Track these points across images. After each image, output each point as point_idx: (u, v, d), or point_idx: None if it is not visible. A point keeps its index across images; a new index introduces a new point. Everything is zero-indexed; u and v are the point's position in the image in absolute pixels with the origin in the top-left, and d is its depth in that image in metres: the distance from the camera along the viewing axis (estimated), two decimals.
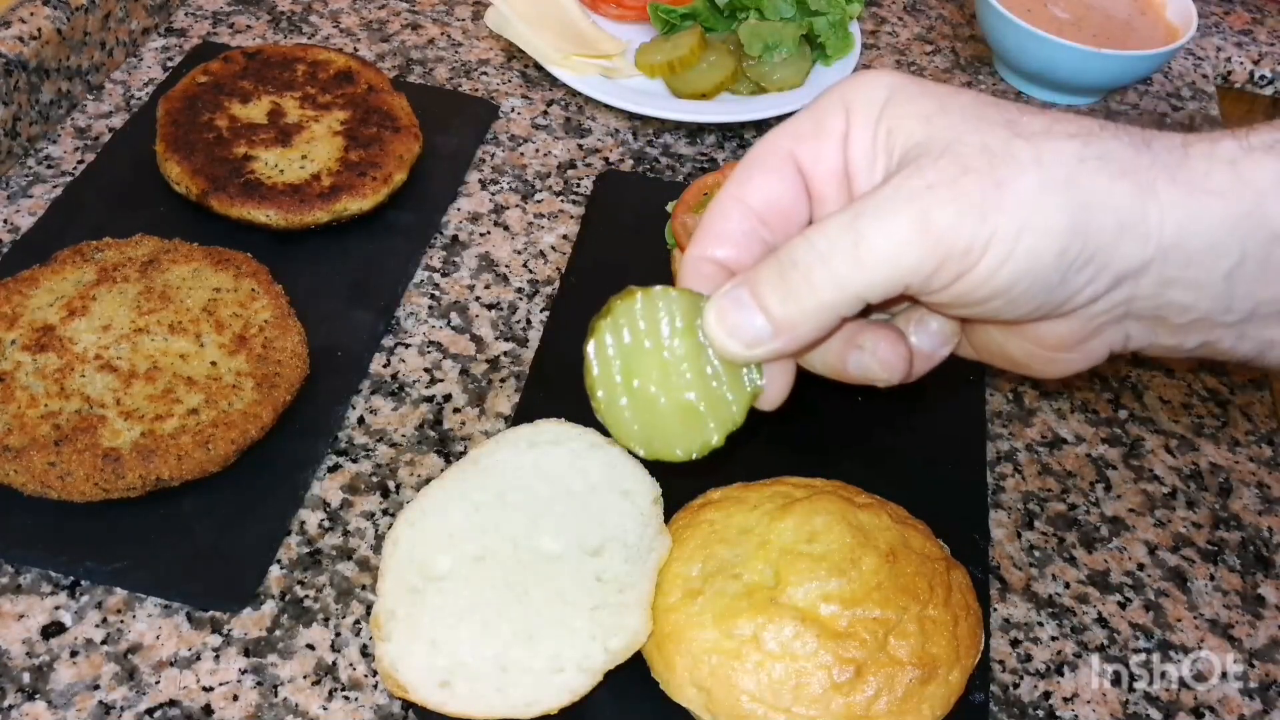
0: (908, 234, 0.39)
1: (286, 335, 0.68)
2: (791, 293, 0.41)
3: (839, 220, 0.41)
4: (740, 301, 0.42)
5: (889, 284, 0.40)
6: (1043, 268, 0.39)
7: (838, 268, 0.40)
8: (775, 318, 0.42)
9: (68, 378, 0.63)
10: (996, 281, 0.40)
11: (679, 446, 0.47)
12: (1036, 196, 0.39)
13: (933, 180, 0.39)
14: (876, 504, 0.60)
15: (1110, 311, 0.43)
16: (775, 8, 0.97)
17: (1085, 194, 0.39)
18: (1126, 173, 0.40)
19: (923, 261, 0.39)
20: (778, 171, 0.45)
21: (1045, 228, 0.39)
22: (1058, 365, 0.46)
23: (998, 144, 0.40)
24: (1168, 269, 0.41)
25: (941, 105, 0.42)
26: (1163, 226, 0.40)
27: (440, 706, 0.53)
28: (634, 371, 0.46)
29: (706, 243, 0.45)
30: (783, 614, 0.54)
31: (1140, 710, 0.61)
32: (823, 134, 0.44)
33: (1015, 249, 0.39)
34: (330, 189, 0.78)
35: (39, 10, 0.86)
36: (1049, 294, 0.41)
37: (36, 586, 0.60)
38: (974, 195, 0.39)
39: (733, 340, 0.43)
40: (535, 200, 0.87)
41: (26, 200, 0.81)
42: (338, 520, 0.65)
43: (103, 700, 0.55)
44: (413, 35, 1.02)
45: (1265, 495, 0.73)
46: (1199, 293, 0.41)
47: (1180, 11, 1.04)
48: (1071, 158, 0.40)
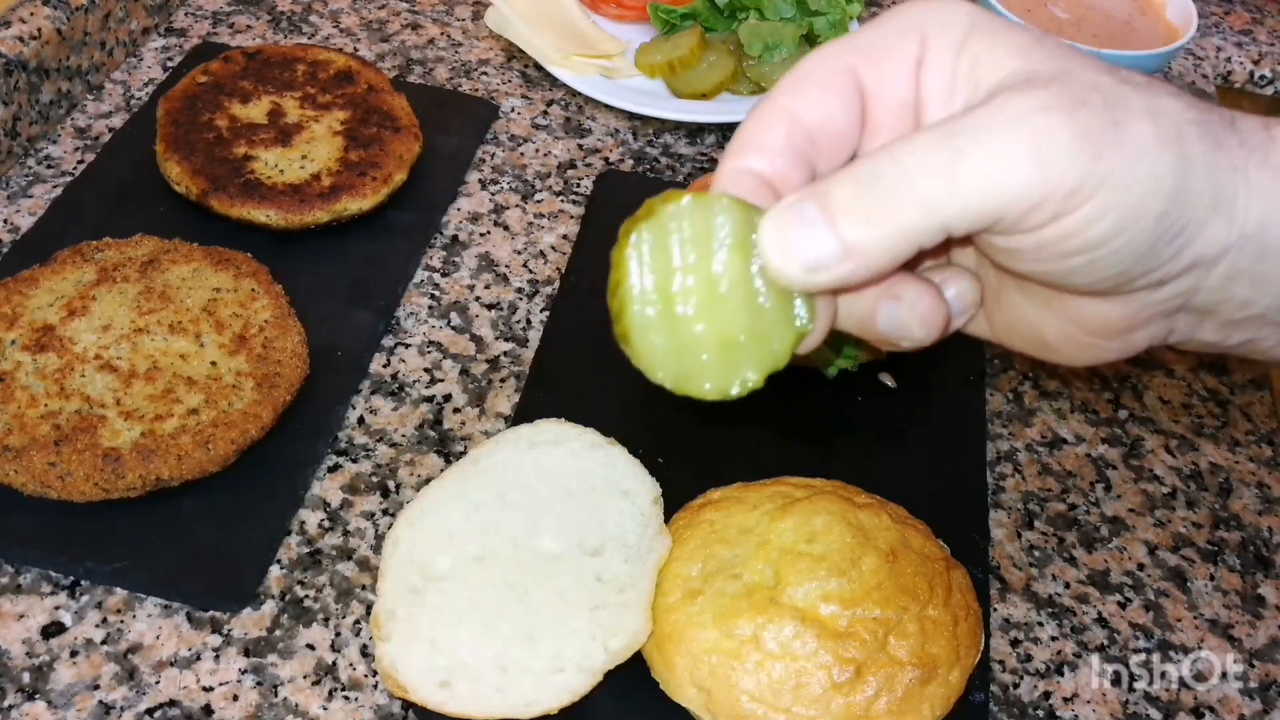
0: (1016, 157, 0.34)
1: (286, 335, 0.68)
2: (870, 211, 0.36)
3: (931, 136, 0.36)
4: (807, 216, 0.37)
5: (983, 214, 0.35)
6: (1141, 229, 0.36)
7: (929, 188, 0.35)
8: (846, 239, 0.36)
9: (68, 378, 0.63)
10: (1093, 233, 0.36)
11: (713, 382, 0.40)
12: (1153, 147, 0.35)
13: (1047, 104, 0.35)
14: (876, 504, 0.60)
15: (1171, 300, 0.40)
16: (775, 8, 0.97)
17: (1192, 156, 0.36)
18: (1222, 147, 0.37)
19: (1027, 192, 0.35)
20: (837, 88, 0.39)
21: (1156, 184, 0.35)
22: (1092, 352, 0.43)
23: (1108, 85, 0.36)
24: (1241, 260, 0.38)
25: (1037, 39, 0.38)
26: (1248, 211, 0.37)
27: (440, 706, 0.53)
28: (671, 291, 0.39)
29: (748, 153, 0.39)
30: (783, 614, 0.54)
31: (1140, 710, 0.61)
32: (893, 56, 0.39)
33: (1122, 199, 0.35)
34: (330, 189, 0.78)
35: (39, 10, 0.86)
36: (1135, 261, 0.37)
37: (36, 586, 0.60)
38: (1093, 128, 0.35)
39: (793, 261, 0.37)
40: (535, 200, 0.87)
41: (26, 200, 0.81)
42: (338, 520, 0.65)
43: (103, 700, 0.55)
44: (413, 35, 1.02)
45: (1265, 495, 0.73)
46: (1263, 289, 0.39)
47: (1180, 11, 1.04)
48: (1180, 117, 0.36)
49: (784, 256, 0.37)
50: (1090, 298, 0.40)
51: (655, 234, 0.39)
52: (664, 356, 0.39)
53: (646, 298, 0.39)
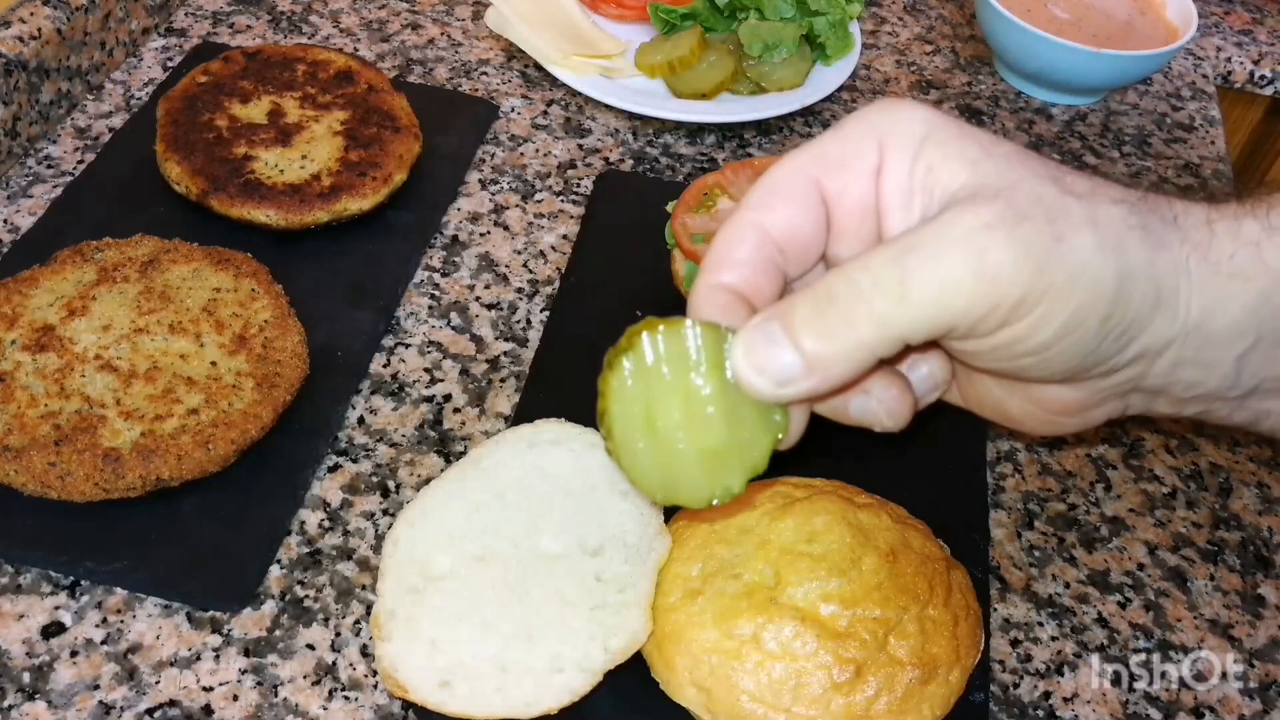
0: (961, 274, 0.37)
1: (286, 335, 0.68)
2: (828, 330, 0.38)
3: (883, 256, 0.38)
4: (772, 336, 0.39)
5: (934, 326, 0.38)
6: (1086, 331, 0.38)
7: (881, 306, 0.37)
8: (809, 355, 0.39)
9: (68, 378, 0.63)
10: (1039, 338, 0.38)
11: (699, 492, 0.43)
12: (1093, 257, 0.37)
13: (990, 221, 0.37)
14: (876, 504, 0.60)
15: (1122, 385, 0.43)
16: (775, 8, 0.97)
17: (1132, 262, 0.38)
18: (1164, 247, 0.39)
19: (973, 306, 0.37)
20: (801, 200, 0.42)
21: (1097, 291, 0.38)
22: (1053, 427, 0.46)
23: (1050, 197, 0.38)
24: (1186, 350, 0.41)
25: (985, 150, 0.40)
26: (1190, 307, 0.40)
27: (440, 706, 0.53)
28: (655, 411, 0.42)
29: (721, 269, 0.42)
30: (783, 614, 0.54)
31: (1140, 710, 0.61)
32: (853, 166, 0.41)
33: (1066, 307, 0.37)
34: (330, 189, 0.78)
35: (39, 10, 0.86)
36: (1082, 359, 0.40)
37: (36, 586, 0.60)
38: (1035, 244, 0.37)
39: (762, 378, 0.40)
40: (535, 200, 0.87)
41: (26, 200, 0.81)
42: (338, 520, 0.65)
43: (103, 700, 0.55)
44: (413, 35, 1.02)
45: (1265, 495, 0.73)
46: (1209, 372, 0.42)
47: (1180, 11, 1.04)
48: (1121, 224, 0.39)
49: (754, 374, 0.40)
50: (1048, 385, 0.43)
51: (635, 363, 0.42)
52: (651, 472, 0.43)
53: (631, 421, 0.42)
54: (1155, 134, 1.04)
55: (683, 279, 0.74)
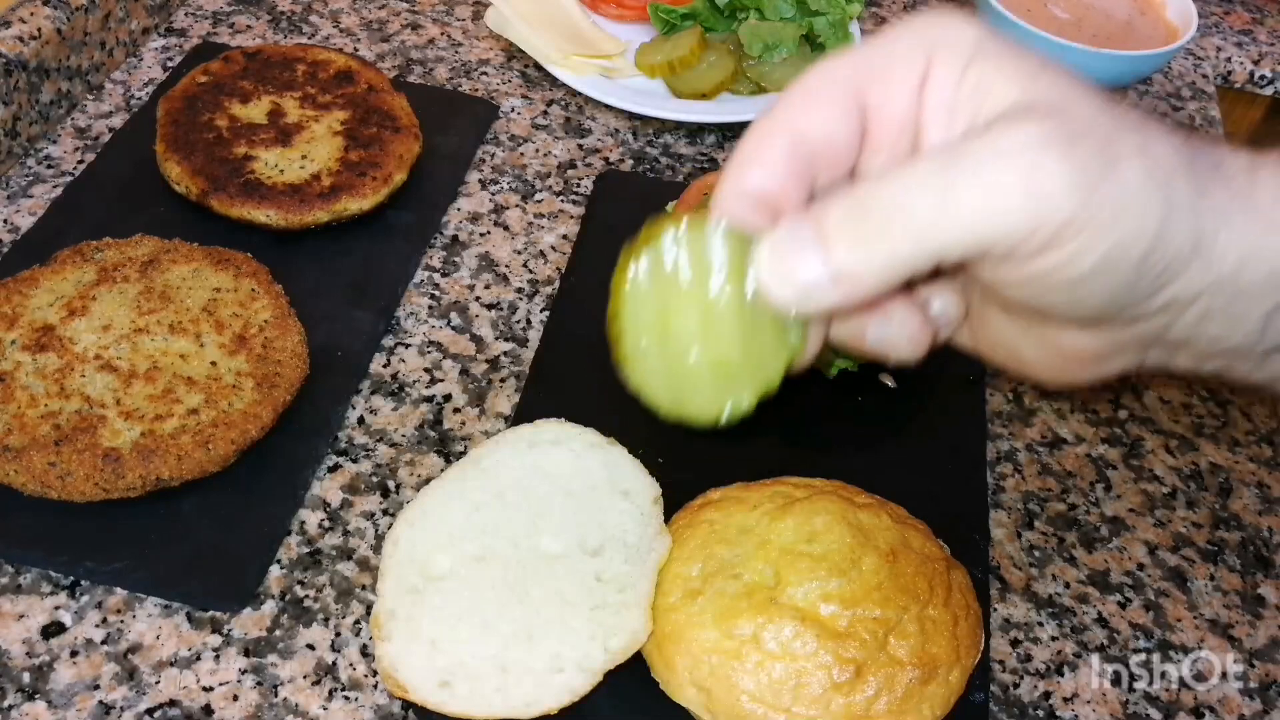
0: (1011, 189, 0.34)
1: (286, 335, 0.68)
2: (863, 239, 0.36)
3: (928, 164, 0.36)
4: (802, 240, 0.37)
5: (974, 245, 0.35)
6: (1125, 268, 0.36)
7: (922, 217, 0.35)
8: (839, 265, 0.36)
9: (68, 378, 0.63)
10: (1077, 268, 0.36)
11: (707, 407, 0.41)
12: (1143, 189, 0.36)
13: (1046, 137, 0.35)
14: (876, 504, 0.60)
15: (1145, 335, 0.41)
16: (775, 8, 0.97)
17: (1178, 200, 0.36)
18: (1207, 193, 0.38)
19: (1017, 226, 0.35)
20: (840, 104, 0.39)
21: (1141, 224, 0.36)
22: (1066, 375, 0.44)
23: (1106, 121, 0.36)
24: (1216, 300, 0.39)
25: (1041, 67, 0.38)
26: (1225, 255, 0.38)
27: (440, 706, 0.53)
28: (669, 316, 0.40)
29: (749, 169, 0.40)
30: (783, 614, 0.54)
31: (1140, 710, 0.61)
32: (897, 74, 0.39)
33: (1109, 238, 0.35)
34: (330, 189, 0.78)
35: (39, 10, 0.86)
36: (1113, 297, 0.38)
37: (36, 586, 0.60)
38: (1089, 166, 0.35)
39: (787, 285, 0.37)
40: (535, 200, 0.87)
41: (26, 200, 0.81)
42: (338, 520, 0.65)
43: (103, 700, 0.55)
44: (413, 35, 1.02)
45: (1265, 495, 0.73)
46: (1235, 327, 0.40)
47: (1180, 11, 1.04)
48: (1172, 158, 0.37)
49: (779, 281, 0.37)
50: (1069, 327, 0.41)
51: (652, 260, 0.39)
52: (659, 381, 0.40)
53: (643, 324, 0.40)
54: None
55: None
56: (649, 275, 0.39)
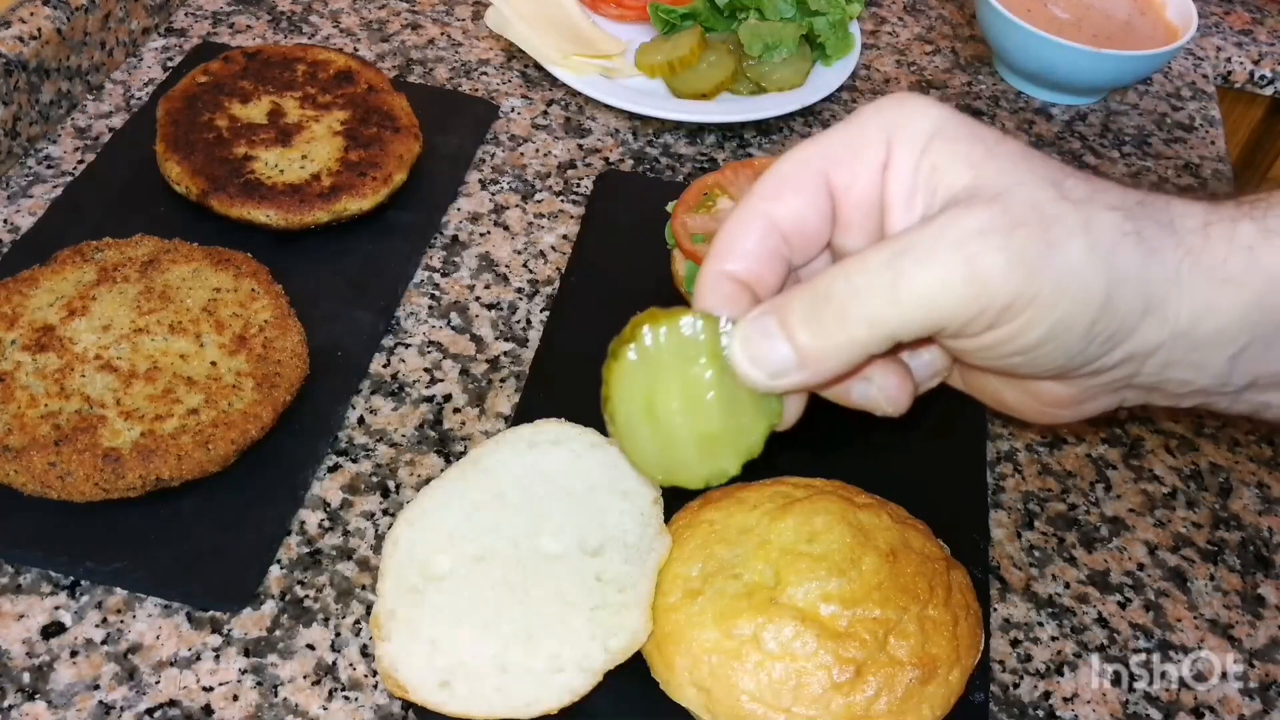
0: (953, 278, 0.38)
1: (286, 335, 0.68)
2: (822, 326, 0.40)
3: (879, 256, 0.39)
4: (767, 330, 0.41)
5: (924, 326, 0.39)
6: (1072, 336, 0.39)
7: (874, 305, 0.39)
8: (803, 350, 0.40)
9: (68, 378, 0.63)
10: (1025, 340, 0.39)
11: (696, 474, 0.46)
12: (1082, 264, 0.38)
13: (984, 227, 0.38)
14: (876, 504, 0.60)
15: (1113, 383, 0.43)
16: (775, 8, 0.97)
17: (1123, 270, 0.39)
18: (1156, 253, 0.40)
19: (963, 308, 0.38)
20: (809, 191, 0.43)
21: (1085, 298, 0.39)
22: (1049, 418, 0.47)
23: (1047, 202, 0.39)
24: (1175, 353, 0.41)
25: (990, 151, 0.40)
26: (1179, 313, 0.40)
27: (440, 706, 0.53)
28: (655, 397, 0.44)
29: (727, 257, 0.44)
30: (783, 614, 0.54)
31: (1140, 710, 0.61)
32: (861, 159, 0.42)
33: (1053, 314, 0.38)
34: (330, 189, 0.78)
35: (39, 10, 0.86)
36: (1068, 360, 0.41)
37: (36, 586, 0.60)
38: (1027, 250, 0.38)
39: (757, 369, 0.42)
40: (535, 200, 0.87)
41: (26, 200, 0.81)
42: (338, 520, 0.65)
43: (103, 700, 0.55)
44: (413, 35, 1.02)
45: (1265, 495, 0.73)
46: (1200, 372, 0.42)
47: (1180, 11, 1.04)
48: (1114, 230, 0.39)
49: (750, 365, 0.42)
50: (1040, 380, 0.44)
51: (638, 352, 0.44)
52: (651, 455, 0.45)
53: (633, 407, 0.44)
54: (1155, 134, 1.04)
55: (683, 279, 0.74)
56: (635, 362, 0.44)
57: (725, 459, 0.45)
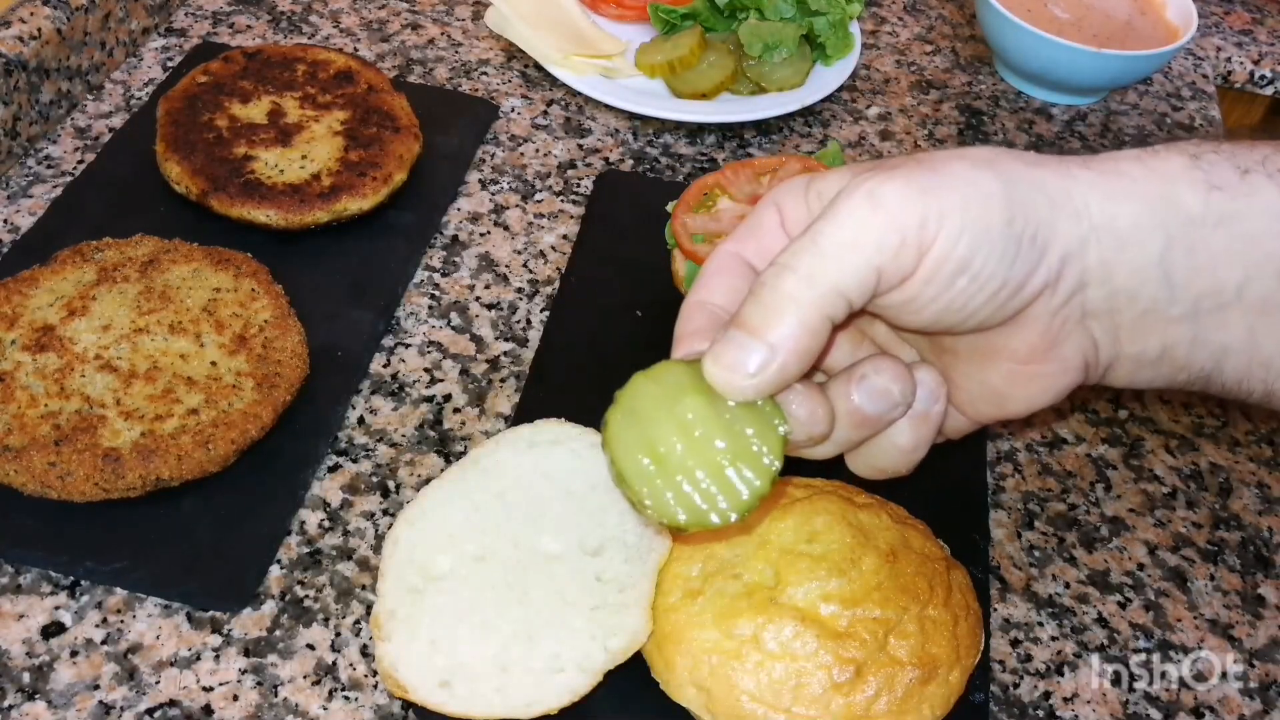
0: (861, 214, 0.42)
1: (286, 335, 0.68)
2: (772, 309, 0.43)
3: (794, 242, 0.44)
4: (734, 340, 0.44)
5: (860, 269, 0.42)
6: (995, 238, 0.42)
7: (805, 267, 0.42)
8: (766, 339, 0.43)
9: (68, 378, 0.63)
10: (958, 253, 0.42)
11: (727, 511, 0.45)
12: (970, 173, 0.43)
13: (873, 178, 0.43)
14: (876, 504, 0.60)
15: (1069, 304, 0.45)
16: (775, 8, 0.97)
17: (1011, 173, 0.43)
18: (1038, 164, 0.44)
19: (884, 237, 0.42)
20: (730, 270, 0.49)
21: (987, 198, 0.42)
22: (1039, 383, 0.48)
23: (921, 156, 0.44)
24: (1104, 250, 0.44)
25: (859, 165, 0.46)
26: (1089, 205, 0.44)
27: (440, 707, 0.53)
28: (660, 451, 0.45)
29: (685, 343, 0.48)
30: (783, 614, 0.54)
31: (1140, 710, 0.61)
32: (761, 228, 0.49)
33: (966, 219, 0.42)
34: (330, 189, 0.78)
35: (39, 10, 0.86)
36: (1008, 270, 0.43)
37: (36, 586, 0.60)
38: (913, 177, 0.42)
39: (736, 374, 0.43)
40: (535, 200, 0.87)
41: (26, 200, 0.81)
42: (338, 520, 0.65)
43: (103, 700, 0.55)
44: (413, 35, 1.02)
45: (1265, 495, 0.73)
46: (1141, 277, 0.44)
47: (1180, 11, 1.04)
48: (988, 151, 0.44)
49: (727, 376, 0.44)
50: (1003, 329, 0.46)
51: (625, 413, 0.46)
52: (676, 506, 0.45)
53: (640, 467, 0.45)
54: (1155, 134, 1.04)
55: (683, 279, 0.74)
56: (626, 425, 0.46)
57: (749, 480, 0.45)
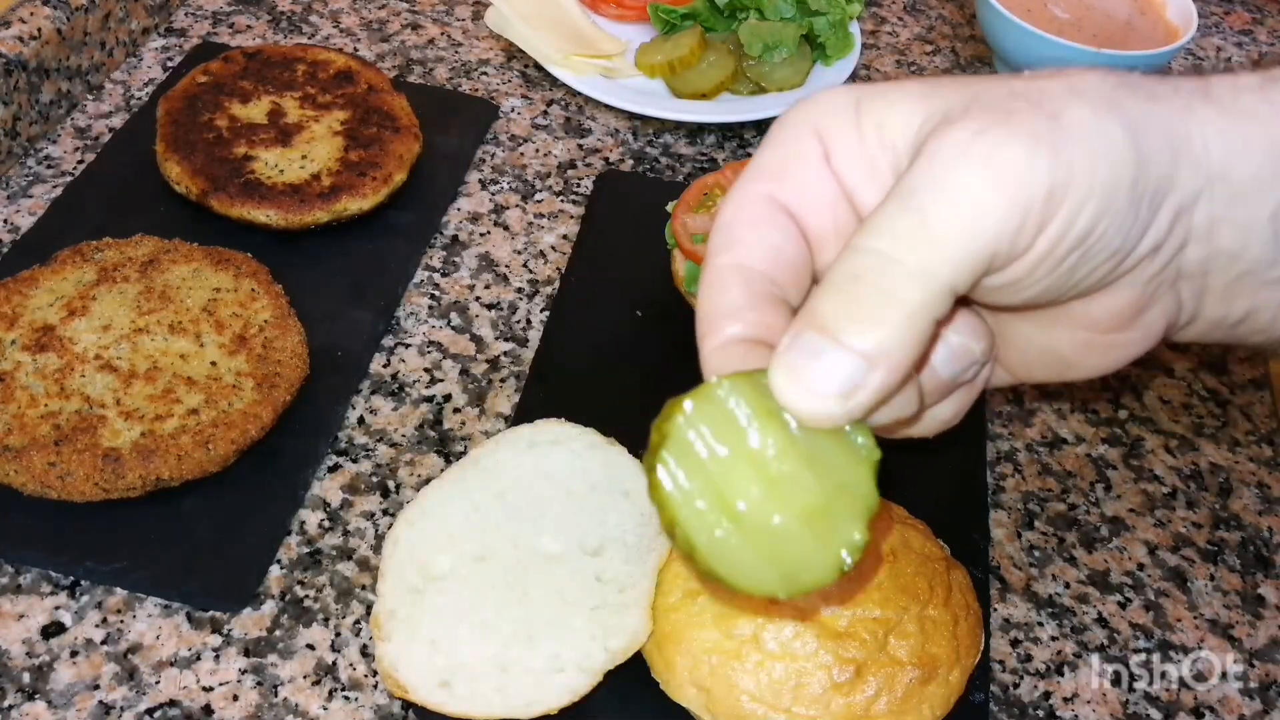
0: (979, 187, 0.33)
1: (286, 335, 0.68)
2: (869, 311, 0.33)
3: (888, 212, 0.34)
4: (813, 348, 0.34)
5: (976, 258, 0.33)
6: (1119, 204, 0.34)
7: (914, 259, 0.33)
8: (862, 350, 0.33)
9: (68, 378, 0.63)
10: (1078, 227, 0.34)
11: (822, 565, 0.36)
12: (1096, 123, 0.34)
13: (978, 128, 0.33)
14: None
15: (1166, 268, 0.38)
16: (775, 8, 0.97)
17: (1134, 117, 0.35)
18: (1157, 97, 0.36)
19: (1007, 218, 0.33)
20: (766, 222, 0.38)
21: (1116, 156, 0.34)
22: (1114, 353, 0.41)
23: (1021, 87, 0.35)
24: (1216, 205, 0.37)
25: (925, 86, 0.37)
26: (1209, 151, 0.36)
27: (440, 707, 0.53)
28: (727, 498, 0.35)
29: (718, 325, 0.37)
30: (783, 614, 0.54)
31: (1140, 710, 0.61)
32: (799, 163, 0.38)
33: (1094, 185, 0.34)
34: (330, 189, 0.78)
35: (39, 10, 0.86)
36: (1124, 237, 0.36)
37: (36, 586, 0.60)
38: (1035, 128, 0.33)
39: (823, 399, 0.34)
40: (535, 200, 0.87)
41: (26, 200, 0.81)
42: (338, 520, 0.65)
43: (103, 700, 0.55)
44: (413, 35, 1.02)
45: (1265, 495, 0.73)
46: (1247, 236, 0.38)
47: (1180, 11, 1.04)
48: (1103, 84, 0.36)
49: (810, 400, 0.34)
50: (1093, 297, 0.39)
51: (679, 456, 0.35)
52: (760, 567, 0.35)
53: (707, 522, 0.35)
54: None
55: (683, 279, 0.74)
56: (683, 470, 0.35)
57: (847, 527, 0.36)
